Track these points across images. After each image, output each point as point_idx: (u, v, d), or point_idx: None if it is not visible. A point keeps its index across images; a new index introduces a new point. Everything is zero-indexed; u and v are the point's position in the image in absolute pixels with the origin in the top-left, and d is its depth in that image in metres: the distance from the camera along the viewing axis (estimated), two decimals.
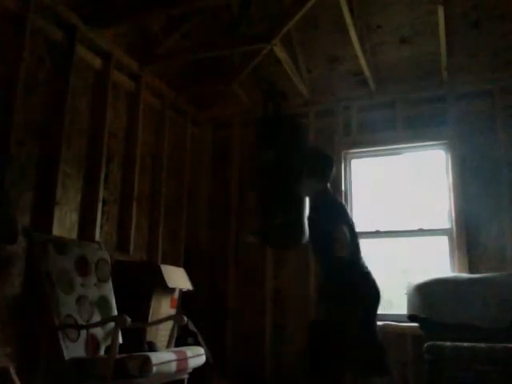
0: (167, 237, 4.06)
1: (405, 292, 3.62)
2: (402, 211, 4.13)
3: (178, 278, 3.40)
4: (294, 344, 4.03)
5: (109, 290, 2.95)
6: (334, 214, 2.71)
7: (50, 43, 3.02)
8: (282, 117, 3.76)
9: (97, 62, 3.40)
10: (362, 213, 4.22)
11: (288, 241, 3.30)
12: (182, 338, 3.40)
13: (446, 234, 3.89)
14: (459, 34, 3.77)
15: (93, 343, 2.64)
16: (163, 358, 2.50)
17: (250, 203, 4.40)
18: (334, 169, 2.99)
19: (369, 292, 2.64)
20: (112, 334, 2.44)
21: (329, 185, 2.97)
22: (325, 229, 2.63)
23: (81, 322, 2.63)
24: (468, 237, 3.75)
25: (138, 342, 2.83)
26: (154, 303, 3.16)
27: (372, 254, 4.17)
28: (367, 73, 4.03)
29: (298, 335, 4.04)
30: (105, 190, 3.39)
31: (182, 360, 2.65)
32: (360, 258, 2.75)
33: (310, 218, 2.93)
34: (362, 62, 3.91)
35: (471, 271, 3.64)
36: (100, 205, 3.28)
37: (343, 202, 2.76)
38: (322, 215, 2.74)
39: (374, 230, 4.14)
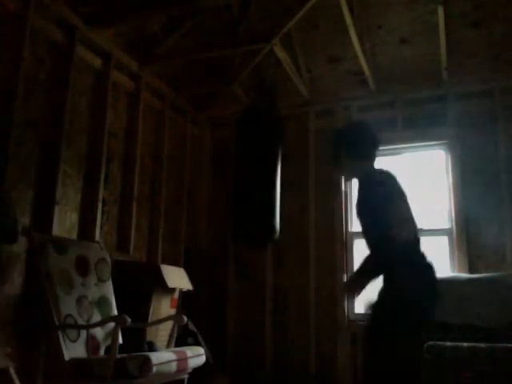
0: (167, 237, 4.06)
1: None
2: None
3: (178, 278, 3.40)
4: (294, 344, 4.04)
5: (109, 289, 2.95)
6: (384, 192, 2.27)
7: (50, 43, 3.02)
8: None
9: (97, 62, 3.40)
10: None
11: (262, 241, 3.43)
12: (182, 338, 3.40)
13: (446, 234, 3.89)
14: (459, 33, 3.77)
15: (93, 343, 2.64)
16: (163, 357, 2.49)
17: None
18: (378, 145, 2.57)
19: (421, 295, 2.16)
20: (112, 334, 2.43)
21: (375, 164, 2.55)
22: (376, 209, 2.22)
23: (81, 322, 2.63)
24: (468, 237, 3.75)
25: (138, 342, 2.82)
26: (154, 303, 3.16)
27: None
28: (367, 73, 4.03)
29: (298, 335, 4.05)
30: (105, 190, 3.39)
31: (182, 360, 2.65)
32: (418, 245, 2.27)
33: (359, 201, 2.43)
34: (362, 61, 3.91)
35: (471, 271, 3.64)
36: (100, 205, 3.28)
37: (398, 181, 2.40)
38: (370, 196, 2.33)
39: None
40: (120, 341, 2.74)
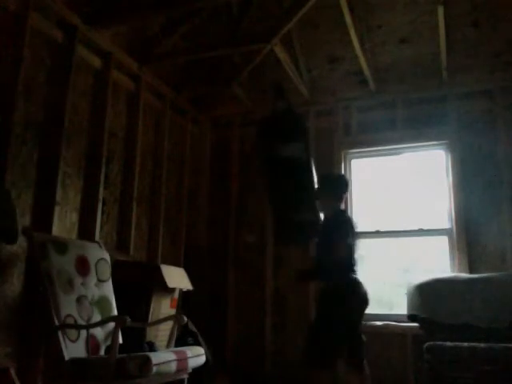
0: (167, 237, 4.06)
1: (405, 292, 3.62)
2: (401, 211, 4.13)
3: (178, 278, 3.40)
4: (294, 344, 4.03)
5: (109, 289, 2.95)
6: (339, 231, 2.99)
7: (49, 43, 3.02)
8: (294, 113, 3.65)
9: (97, 62, 3.40)
10: (362, 213, 4.22)
11: (304, 238, 3.51)
12: (182, 338, 3.40)
13: (446, 234, 3.89)
14: (459, 34, 3.78)
15: (93, 343, 2.63)
16: (163, 357, 2.49)
17: (249, 203, 4.41)
18: (348, 189, 3.28)
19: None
20: (112, 334, 2.43)
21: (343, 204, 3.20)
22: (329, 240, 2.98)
23: (81, 322, 2.63)
24: (468, 237, 3.75)
25: (138, 341, 2.82)
26: (153, 303, 3.15)
27: (372, 254, 4.18)
28: (367, 73, 4.03)
29: (297, 335, 4.04)
30: (105, 190, 3.39)
31: (182, 360, 2.65)
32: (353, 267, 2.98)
33: (325, 231, 3.11)
34: (362, 61, 3.91)
35: (471, 271, 3.64)
36: (100, 205, 3.28)
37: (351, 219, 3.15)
38: (329, 230, 3.05)
39: (374, 230, 4.14)
40: (120, 341, 2.74)
